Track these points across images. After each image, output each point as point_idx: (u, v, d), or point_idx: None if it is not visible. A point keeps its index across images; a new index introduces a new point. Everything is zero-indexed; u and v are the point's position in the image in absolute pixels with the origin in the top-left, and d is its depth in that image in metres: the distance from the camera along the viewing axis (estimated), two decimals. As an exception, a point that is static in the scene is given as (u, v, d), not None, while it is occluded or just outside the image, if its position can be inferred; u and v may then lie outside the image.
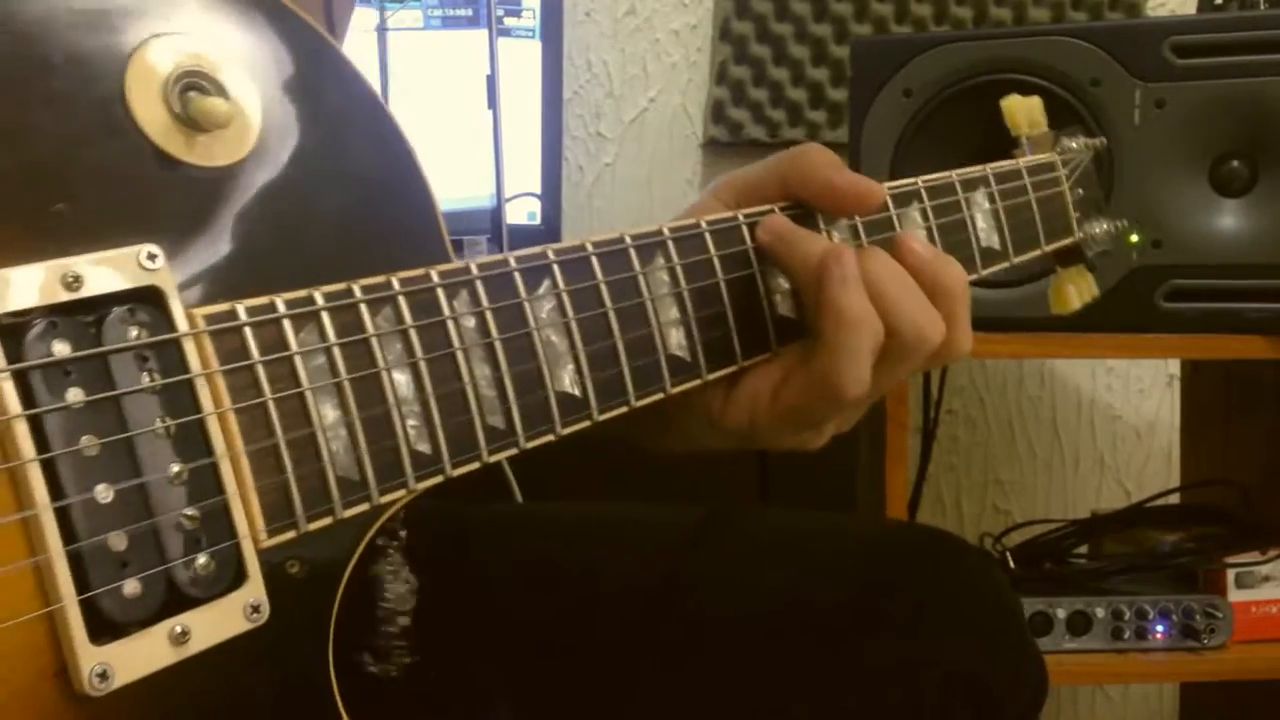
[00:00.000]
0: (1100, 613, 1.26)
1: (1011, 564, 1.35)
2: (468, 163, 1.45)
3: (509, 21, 1.58)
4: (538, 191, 1.59)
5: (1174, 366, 1.82)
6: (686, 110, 1.82)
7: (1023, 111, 0.77)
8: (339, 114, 0.48)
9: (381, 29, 1.43)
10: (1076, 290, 0.79)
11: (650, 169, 1.82)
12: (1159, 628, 1.26)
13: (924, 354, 0.58)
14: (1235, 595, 1.28)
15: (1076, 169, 0.78)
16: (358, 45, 1.38)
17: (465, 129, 1.44)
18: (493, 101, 1.43)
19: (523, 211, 1.58)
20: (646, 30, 1.80)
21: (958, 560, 0.73)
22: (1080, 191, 0.78)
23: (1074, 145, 0.79)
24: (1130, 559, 1.35)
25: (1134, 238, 1.22)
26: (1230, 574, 1.28)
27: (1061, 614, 1.26)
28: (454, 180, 1.47)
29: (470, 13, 1.51)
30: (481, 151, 1.42)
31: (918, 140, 1.27)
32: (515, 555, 0.76)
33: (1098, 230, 0.79)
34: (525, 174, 1.58)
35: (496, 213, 1.43)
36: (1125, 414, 1.87)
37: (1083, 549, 1.45)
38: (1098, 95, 1.22)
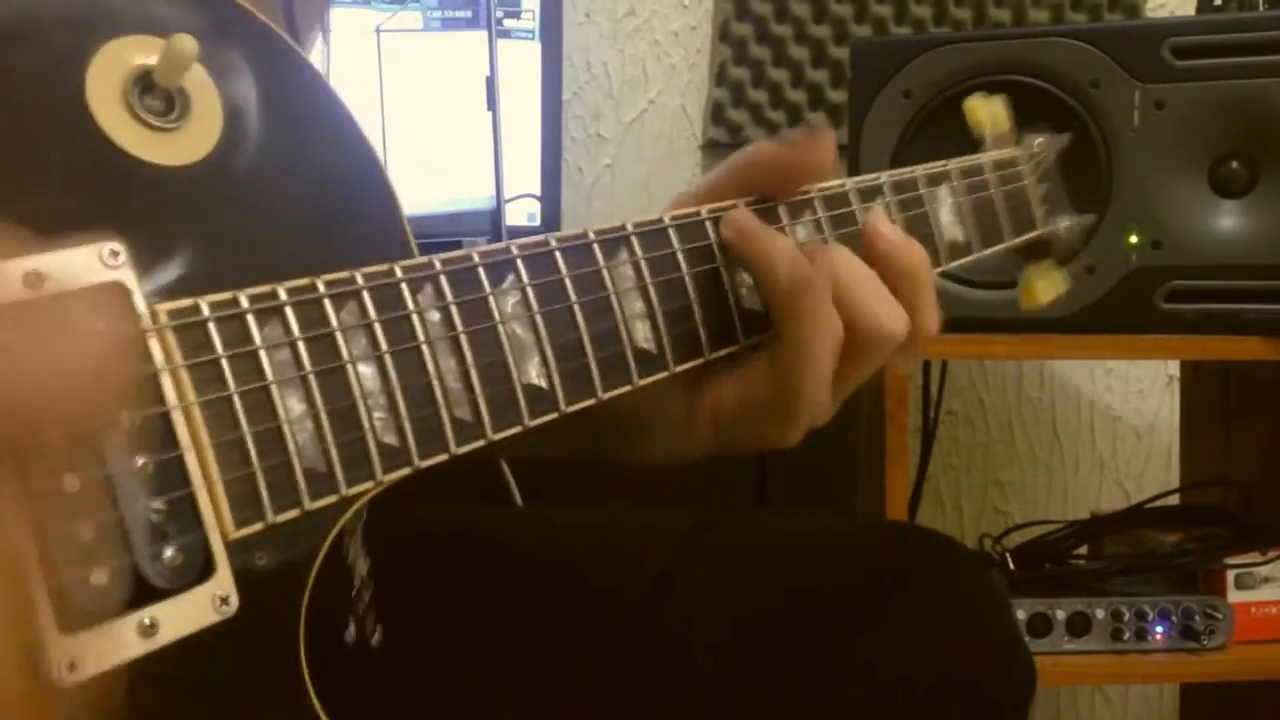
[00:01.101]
0: (1100, 614, 1.26)
1: (1011, 565, 1.35)
2: (467, 164, 1.45)
3: (508, 23, 1.58)
4: (537, 193, 1.59)
5: (1173, 367, 1.82)
6: (686, 111, 1.82)
7: (984, 110, 0.79)
8: (299, 113, 0.49)
9: (380, 30, 1.43)
10: (1045, 285, 0.80)
11: (650, 170, 1.82)
12: (1159, 629, 1.26)
13: (889, 349, 0.58)
14: (1235, 596, 1.28)
15: (1040, 164, 0.79)
16: (357, 47, 1.38)
17: (465, 130, 1.44)
18: (492, 103, 1.43)
19: (522, 213, 1.58)
20: (646, 31, 1.80)
21: (949, 560, 0.73)
22: (1045, 186, 0.79)
23: (1038, 141, 0.80)
24: (1130, 560, 1.35)
25: (1133, 238, 1.22)
26: (1230, 575, 1.28)
27: (1061, 615, 1.26)
28: (453, 182, 1.47)
29: (469, 14, 1.51)
30: (481, 153, 1.42)
31: (917, 141, 1.27)
32: (512, 556, 0.76)
33: (1063, 225, 0.80)
34: (525, 175, 1.58)
35: (496, 214, 1.43)
36: (1125, 415, 1.87)
37: (1082, 550, 1.44)
38: (1097, 96, 1.22)
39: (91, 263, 0.42)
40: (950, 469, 1.86)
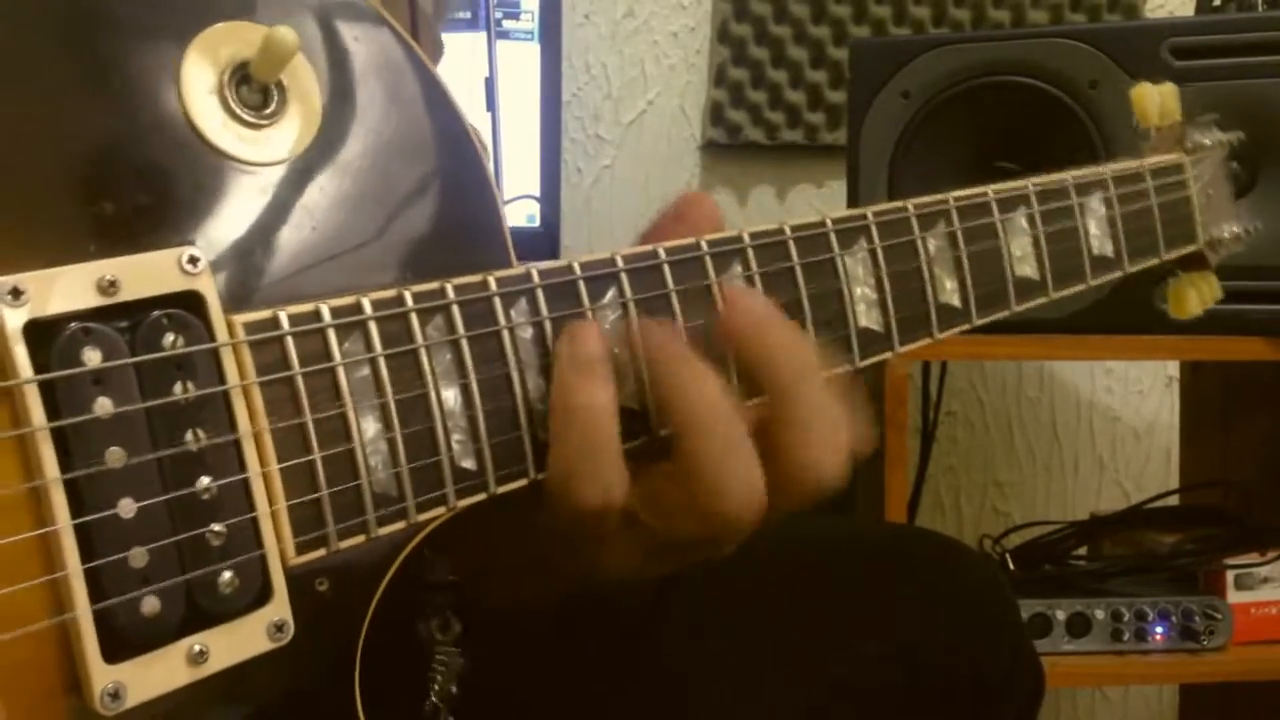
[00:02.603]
0: (1100, 614, 1.26)
1: (1011, 565, 1.35)
2: (466, 165, 1.44)
3: (507, 24, 1.58)
4: (537, 194, 1.59)
5: (1173, 368, 1.82)
6: (685, 112, 1.82)
7: (1152, 100, 0.71)
8: (403, 111, 0.46)
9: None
10: (1198, 294, 0.74)
11: (649, 171, 1.82)
12: (1158, 629, 1.26)
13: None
14: (1234, 596, 1.28)
15: (1209, 166, 0.71)
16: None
17: (464, 131, 1.43)
18: (491, 104, 1.43)
19: (522, 214, 1.58)
20: (645, 32, 1.80)
21: (959, 562, 0.73)
22: (1210, 194, 0.72)
23: (1206, 142, 0.72)
24: (1129, 560, 1.35)
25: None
26: (1229, 575, 1.28)
27: (1061, 615, 1.26)
28: (453, 182, 1.47)
29: (469, 15, 1.51)
30: (480, 154, 1.42)
31: (916, 142, 1.27)
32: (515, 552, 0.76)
33: (1226, 234, 0.73)
34: (524, 176, 1.58)
35: (495, 215, 1.43)
36: (1124, 415, 1.87)
37: (1082, 550, 1.44)
38: (1096, 97, 1.22)
39: (169, 270, 0.40)
40: (950, 470, 1.86)
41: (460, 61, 1.48)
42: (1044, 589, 1.29)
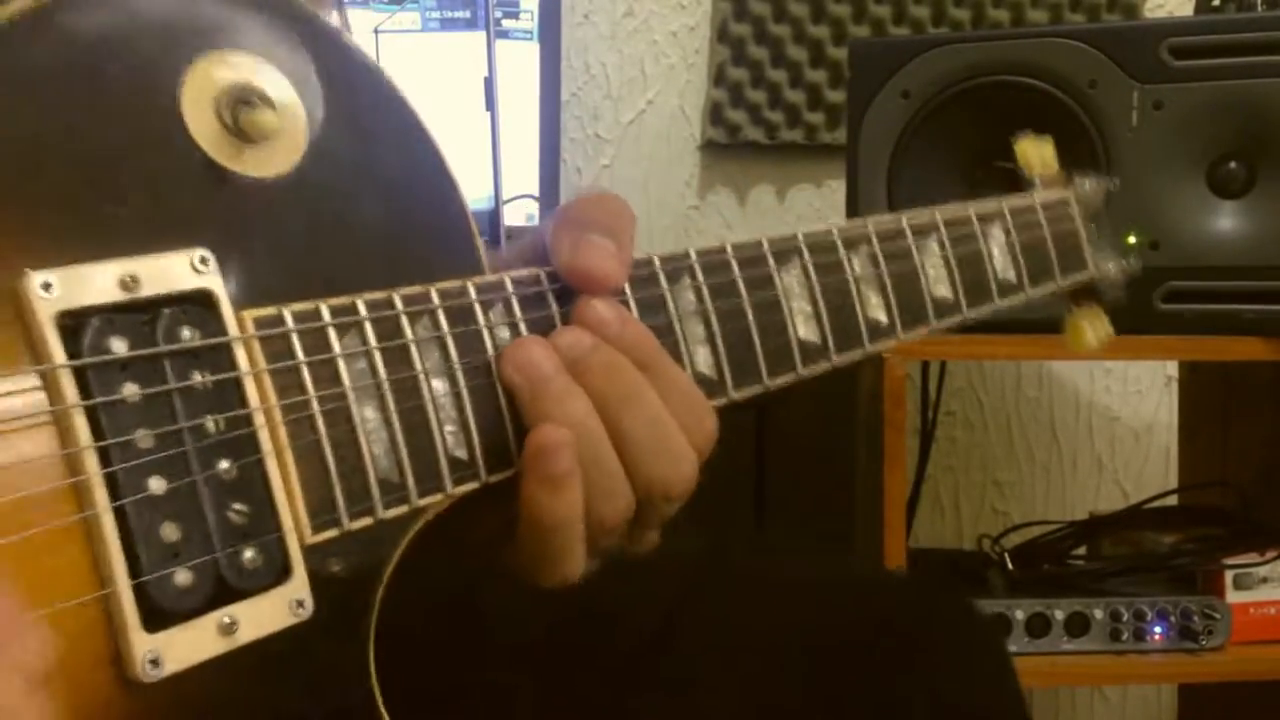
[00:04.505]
0: (1098, 614, 1.26)
1: (1009, 565, 1.34)
2: (465, 165, 1.44)
3: (507, 23, 1.58)
4: (536, 193, 1.60)
5: (1172, 368, 1.82)
6: (684, 112, 1.82)
7: (1035, 152, 0.79)
8: (377, 126, 0.50)
9: (378, 31, 1.43)
10: (1092, 329, 0.80)
11: (648, 171, 1.82)
12: (1157, 629, 1.26)
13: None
14: (1233, 596, 1.28)
15: (1089, 207, 0.80)
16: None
17: (463, 131, 1.44)
18: (491, 103, 1.43)
19: (521, 213, 1.58)
20: (645, 32, 1.80)
21: (945, 603, 0.75)
22: (1093, 228, 0.80)
23: (1087, 185, 0.81)
24: (1128, 560, 1.35)
25: (1131, 239, 1.22)
26: (1228, 575, 1.28)
27: (1060, 615, 1.26)
28: (452, 182, 1.47)
29: (468, 15, 1.51)
30: (479, 153, 1.42)
31: (916, 142, 1.27)
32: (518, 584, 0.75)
33: (1111, 268, 0.80)
34: (523, 176, 1.58)
35: (495, 214, 1.43)
36: (1123, 415, 1.87)
37: (1081, 550, 1.45)
38: (1095, 97, 1.22)
39: (184, 268, 0.44)
40: (949, 470, 1.86)
41: (459, 61, 1.48)
42: (1043, 589, 1.29)
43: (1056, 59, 1.22)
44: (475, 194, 1.45)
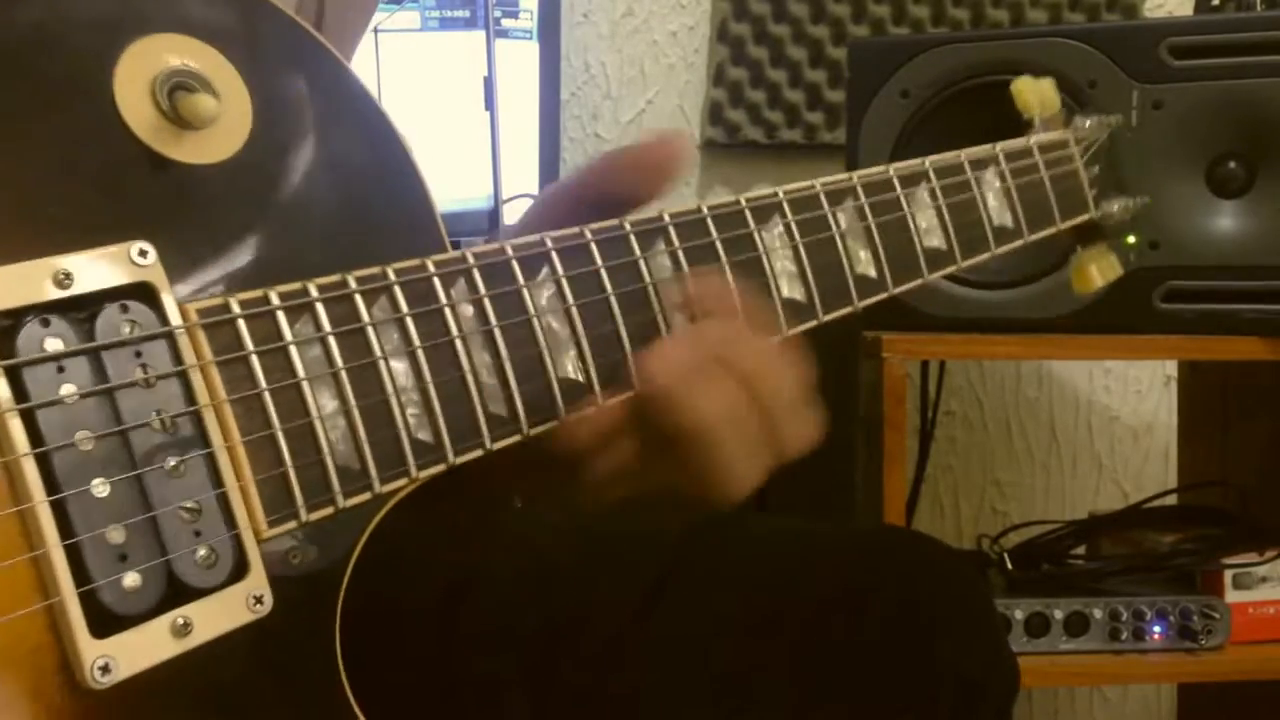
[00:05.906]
0: (1098, 614, 1.26)
1: (1009, 565, 1.34)
2: (465, 164, 1.45)
3: (506, 23, 1.58)
4: (535, 193, 1.59)
5: (1171, 368, 1.82)
6: (684, 111, 1.82)
7: (1033, 92, 0.77)
8: (329, 110, 0.49)
9: (377, 30, 1.43)
10: (1098, 269, 0.79)
11: (648, 170, 1.81)
12: (1156, 629, 1.26)
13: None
14: (1233, 596, 1.28)
15: (1091, 146, 0.77)
16: (355, 47, 1.38)
17: (463, 130, 1.44)
18: (490, 103, 1.43)
19: (520, 212, 1.58)
20: (644, 32, 1.80)
21: (937, 562, 0.74)
22: (1096, 169, 0.77)
23: (1088, 123, 0.78)
24: (1128, 560, 1.35)
25: (1130, 239, 1.22)
26: (1228, 575, 1.28)
27: (1059, 615, 1.26)
28: (451, 182, 1.47)
29: (467, 14, 1.51)
30: (479, 153, 1.42)
31: (915, 141, 1.27)
32: (504, 560, 0.76)
33: (1115, 208, 0.78)
34: (523, 175, 1.58)
35: (494, 214, 1.43)
36: (1123, 415, 1.87)
37: (1080, 550, 1.44)
38: (1095, 97, 1.22)
39: (120, 262, 0.42)
40: (948, 469, 1.86)
41: (459, 61, 1.48)
42: (1042, 588, 1.29)
43: (1056, 59, 1.22)
44: (475, 193, 1.45)
